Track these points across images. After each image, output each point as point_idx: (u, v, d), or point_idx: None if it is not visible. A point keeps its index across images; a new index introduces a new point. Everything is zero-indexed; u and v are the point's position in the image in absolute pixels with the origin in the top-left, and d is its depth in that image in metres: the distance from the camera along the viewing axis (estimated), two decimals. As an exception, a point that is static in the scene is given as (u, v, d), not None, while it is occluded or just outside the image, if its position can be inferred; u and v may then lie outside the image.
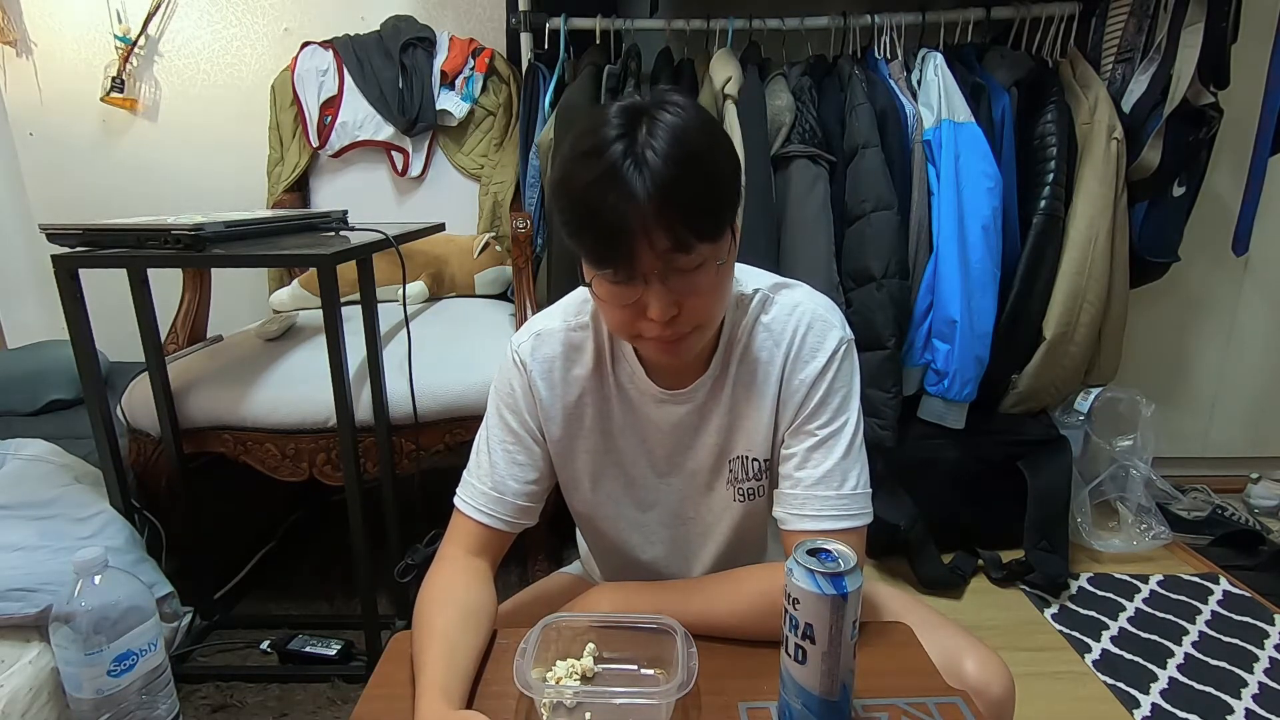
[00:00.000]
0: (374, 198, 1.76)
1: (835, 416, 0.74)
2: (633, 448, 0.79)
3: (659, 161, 0.58)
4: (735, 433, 0.77)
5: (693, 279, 0.64)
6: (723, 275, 0.67)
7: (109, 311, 1.22)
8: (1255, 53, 1.49)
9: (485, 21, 1.86)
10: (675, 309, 0.64)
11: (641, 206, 0.58)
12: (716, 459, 0.78)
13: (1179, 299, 1.89)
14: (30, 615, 0.92)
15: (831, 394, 0.74)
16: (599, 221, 0.60)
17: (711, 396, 0.76)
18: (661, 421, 0.78)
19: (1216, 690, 1.21)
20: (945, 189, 1.42)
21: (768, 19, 1.56)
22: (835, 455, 0.73)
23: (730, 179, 0.65)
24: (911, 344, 1.47)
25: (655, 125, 0.60)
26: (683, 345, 0.68)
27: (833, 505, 0.72)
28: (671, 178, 0.58)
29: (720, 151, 0.64)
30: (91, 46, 1.86)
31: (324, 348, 1.02)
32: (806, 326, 0.75)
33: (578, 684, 0.63)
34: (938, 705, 0.59)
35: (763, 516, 0.81)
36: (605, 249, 0.62)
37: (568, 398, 0.77)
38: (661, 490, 0.81)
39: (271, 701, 1.14)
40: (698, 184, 0.60)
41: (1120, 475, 1.66)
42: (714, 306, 0.68)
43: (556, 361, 0.77)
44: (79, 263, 1.00)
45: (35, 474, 1.15)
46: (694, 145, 0.60)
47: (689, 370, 0.76)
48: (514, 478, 0.77)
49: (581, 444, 0.79)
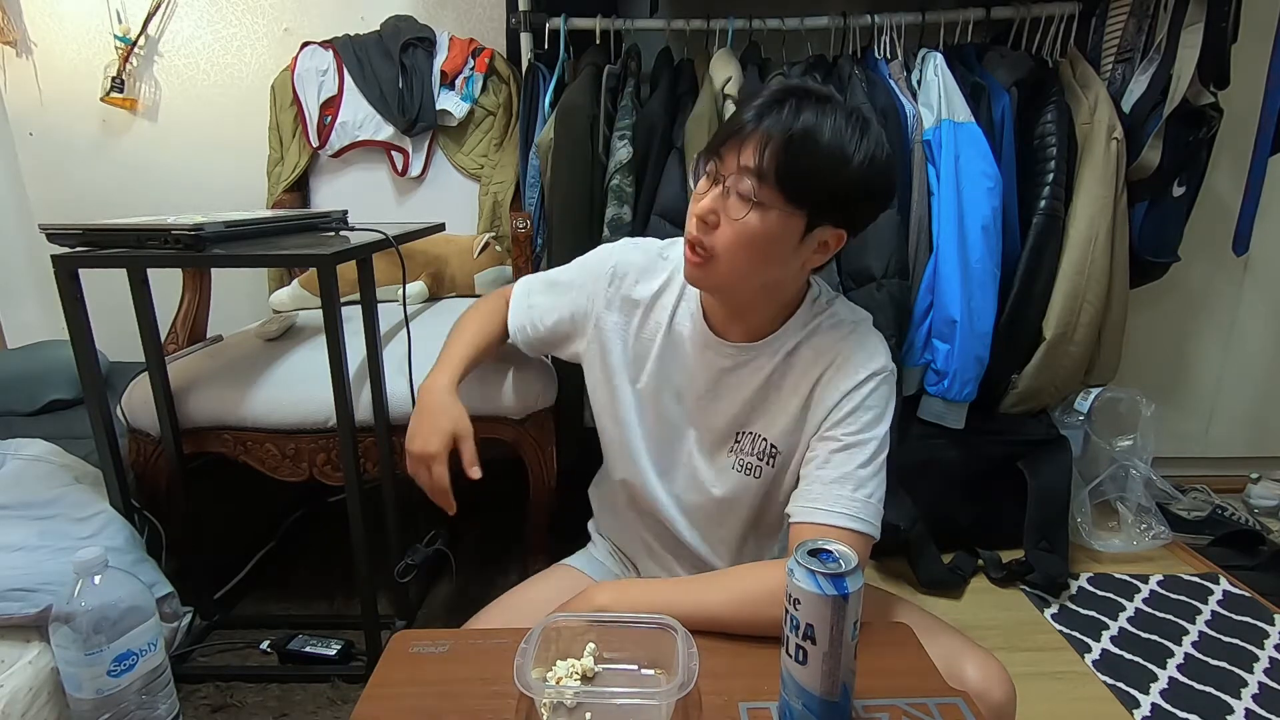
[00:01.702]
0: (374, 198, 1.76)
1: (863, 430, 0.77)
2: (667, 375, 0.87)
3: (798, 120, 0.68)
4: (755, 412, 0.83)
5: (744, 215, 0.70)
6: (769, 244, 0.72)
7: (109, 311, 1.22)
8: (1255, 53, 1.49)
9: (485, 21, 1.87)
10: (715, 219, 0.72)
11: (762, 128, 0.69)
12: (729, 425, 0.84)
13: (1179, 299, 1.89)
14: (30, 615, 0.92)
15: (863, 410, 0.78)
16: (736, 119, 0.72)
17: (749, 369, 0.83)
18: (697, 366, 0.85)
19: (1216, 690, 1.21)
20: (945, 189, 1.42)
21: (768, 19, 1.56)
22: (855, 462, 0.76)
23: (845, 181, 0.70)
24: (911, 344, 1.47)
25: (830, 105, 0.70)
26: (699, 266, 0.75)
27: (844, 504, 0.74)
28: (798, 131, 0.68)
29: (857, 156, 0.70)
30: (91, 46, 1.86)
31: (324, 348, 1.02)
32: (854, 348, 0.80)
33: (578, 684, 0.63)
34: (938, 705, 0.59)
35: (760, 498, 0.86)
36: (721, 136, 0.73)
37: (634, 296, 0.88)
38: (678, 423, 0.87)
39: (271, 701, 1.14)
40: (810, 152, 0.68)
41: (1120, 475, 1.66)
42: (741, 249, 0.72)
43: (636, 269, 0.88)
44: (79, 263, 1.00)
45: (35, 474, 1.15)
46: (831, 127, 0.69)
47: (739, 333, 0.82)
48: (544, 316, 0.93)
49: (628, 348, 0.88)
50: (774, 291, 0.80)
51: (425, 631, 0.71)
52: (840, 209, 0.73)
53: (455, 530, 1.60)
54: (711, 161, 0.73)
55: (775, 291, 0.80)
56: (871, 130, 0.71)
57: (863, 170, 0.70)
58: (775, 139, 0.68)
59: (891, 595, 0.88)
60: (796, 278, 0.80)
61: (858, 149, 0.70)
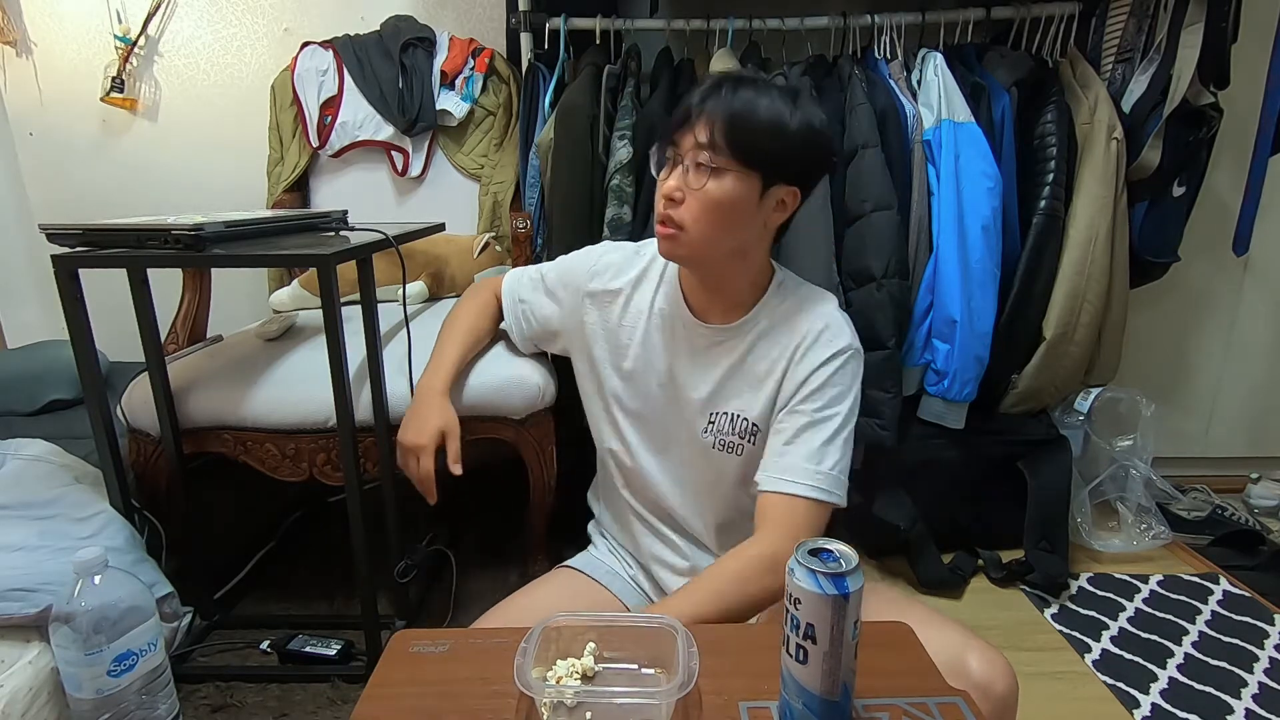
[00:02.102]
0: (374, 198, 1.76)
1: (829, 405, 0.85)
2: (650, 358, 0.94)
3: (737, 97, 0.78)
4: (726, 392, 0.90)
5: (705, 184, 0.79)
6: (733, 207, 0.80)
7: (109, 311, 1.22)
8: (1255, 53, 1.49)
9: (485, 21, 1.86)
10: (681, 194, 0.81)
11: (705, 109, 0.78)
12: (704, 404, 0.91)
13: (1179, 299, 1.89)
14: (30, 615, 0.92)
15: (829, 385, 0.85)
16: (682, 108, 0.81)
17: (723, 349, 0.90)
18: (678, 348, 0.92)
19: (1216, 690, 1.21)
20: (945, 189, 1.42)
21: (768, 19, 1.56)
22: (821, 437, 0.84)
23: (787, 142, 0.79)
24: (911, 344, 1.47)
25: (762, 84, 0.80)
26: (671, 239, 0.83)
27: (810, 476, 0.82)
28: (739, 105, 0.78)
29: (799, 118, 0.79)
30: (91, 46, 1.86)
31: (324, 348, 1.02)
32: (822, 328, 0.87)
33: (578, 684, 0.63)
34: (938, 705, 0.59)
35: (744, 470, 0.91)
36: (672, 125, 0.82)
37: (612, 288, 0.96)
38: (660, 404, 0.94)
39: (271, 701, 1.14)
40: (753, 120, 0.78)
41: (1120, 475, 1.66)
42: (708, 219, 0.81)
43: (614, 268, 0.96)
44: (79, 263, 1.00)
45: (35, 474, 1.15)
46: (768, 101, 0.78)
47: (716, 314, 0.90)
48: (535, 313, 1.03)
49: (610, 337, 0.96)
50: (742, 259, 0.87)
51: (425, 631, 0.71)
52: (788, 167, 0.81)
53: (456, 531, 1.60)
54: (668, 148, 0.83)
55: (743, 260, 0.87)
56: (802, 99, 0.81)
57: (802, 133, 0.80)
58: (721, 115, 0.78)
59: (893, 589, 0.90)
60: (761, 240, 0.87)
61: (793, 115, 0.79)
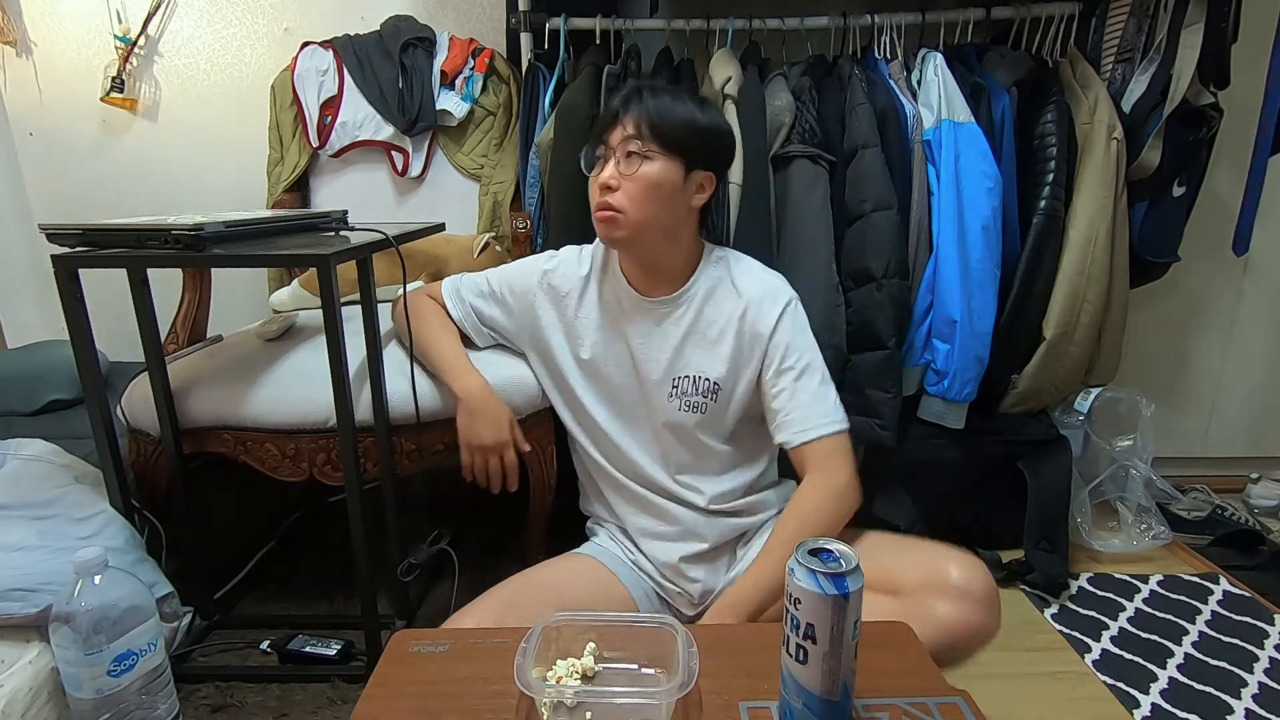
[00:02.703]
0: (374, 198, 1.76)
1: (804, 354, 0.98)
2: (608, 341, 1.04)
3: (656, 100, 0.93)
4: (684, 357, 1.00)
5: (640, 171, 0.92)
6: (661, 187, 0.93)
7: (109, 311, 1.22)
8: (1255, 53, 1.49)
9: (485, 21, 1.86)
10: (615, 182, 0.93)
11: (630, 109, 0.93)
12: (665, 372, 1.01)
13: (1179, 299, 1.89)
14: (30, 615, 0.92)
15: (796, 336, 0.98)
16: (607, 112, 0.96)
17: (672, 320, 1.01)
18: (630, 326, 1.02)
19: (1216, 690, 1.21)
20: (945, 189, 1.42)
21: (768, 19, 1.56)
22: (815, 380, 0.97)
23: (701, 134, 0.94)
24: (911, 344, 1.47)
25: (675, 90, 0.97)
26: (611, 222, 0.94)
27: (826, 415, 0.96)
28: (658, 105, 0.93)
29: (706, 115, 0.96)
30: (91, 46, 1.86)
31: (324, 348, 1.02)
32: (764, 288, 1.00)
33: (578, 683, 0.63)
34: (938, 705, 0.59)
35: (708, 423, 1.01)
36: (599, 129, 0.96)
37: (564, 287, 1.07)
38: (623, 380, 1.04)
39: (271, 701, 1.14)
40: (672, 116, 0.93)
41: (1120, 475, 1.66)
42: (643, 198, 0.93)
43: (563, 269, 1.08)
44: (79, 263, 1.00)
45: (35, 474, 1.15)
46: (684, 106, 0.94)
47: (658, 288, 1.01)
48: (482, 315, 1.14)
49: (567, 329, 1.07)
50: (674, 239, 0.99)
51: (425, 631, 0.71)
52: (704, 155, 0.96)
53: (456, 531, 1.60)
54: (598, 146, 0.96)
55: (675, 240, 0.99)
56: (708, 104, 0.98)
57: (710, 127, 0.96)
58: (644, 112, 0.92)
59: (874, 533, 0.99)
60: (689, 220, 0.99)
61: (701, 114, 0.95)
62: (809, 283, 1.42)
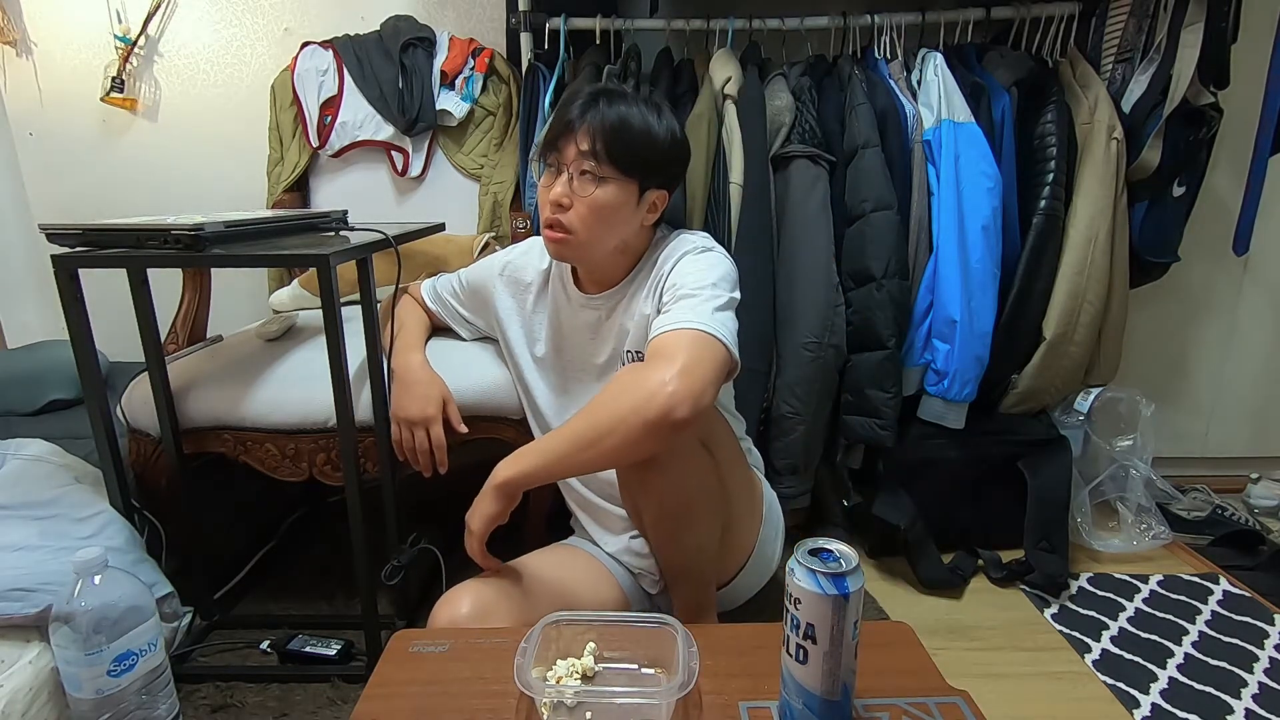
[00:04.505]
0: (374, 198, 1.76)
1: (696, 285, 0.89)
2: (560, 339, 1.08)
3: (613, 110, 0.89)
4: (624, 338, 1.01)
5: (592, 192, 0.90)
6: (616, 211, 0.91)
7: (109, 311, 1.22)
8: (1255, 53, 1.49)
9: (485, 21, 1.87)
10: (568, 200, 0.90)
11: (586, 120, 0.89)
12: (610, 358, 1.03)
13: (1179, 299, 1.89)
14: (30, 615, 0.92)
15: (689, 275, 0.91)
16: (561, 117, 0.92)
17: (618, 311, 1.02)
18: (579, 324, 1.05)
19: (1216, 690, 1.21)
20: (945, 189, 1.42)
21: (768, 19, 1.56)
22: (694, 301, 0.88)
23: (659, 152, 0.92)
24: (911, 344, 1.47)
25: (631, 98, 0.92)
26: (561, 242, 0.93)
27: (689, 315, 0.85)
28: (615, 119, 0.89)
29: (663, 128, 0.92)
30: (91, 46, 1.86)
31: (324, 348, 1.02)
32: (673, 248, 0.98)
33: (578, 683, 0.63)
34: (938, 705, 0.59)
35: None
36: (553, 134, 0.92)
37: (524, 280, 1.11)
38: (576, 373, 1.07)
39: (271, 701, 1.14)
40: (629, 133, 0.89)
41: (1120, 475, 1.66)
42: (595, 220, 0.91)
43: (520, 261, 1.12)
44: (79, 263, 1.00)
45: (35, 474, 1.15)
46: (639, 113, 0.90)
47: (604, 288, 1.02)
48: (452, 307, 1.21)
49: (523, 325, 1.11)
50: (623, 253, 0.99)
51: (425, 631, 0.72)
52: (659, 173, 0.94)
53: (450, 531, 1.60)
54: (551, 155, 0.93)
55: (624, 253, 1.00)
56: (664, 112, 0.94)
57: (668, 142, 0.93)
58: (600, 127, 0.88)
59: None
60: (639, 235, 0.99)
61: (659, 126, 0.92)
62: (809, 283, 1.42)
